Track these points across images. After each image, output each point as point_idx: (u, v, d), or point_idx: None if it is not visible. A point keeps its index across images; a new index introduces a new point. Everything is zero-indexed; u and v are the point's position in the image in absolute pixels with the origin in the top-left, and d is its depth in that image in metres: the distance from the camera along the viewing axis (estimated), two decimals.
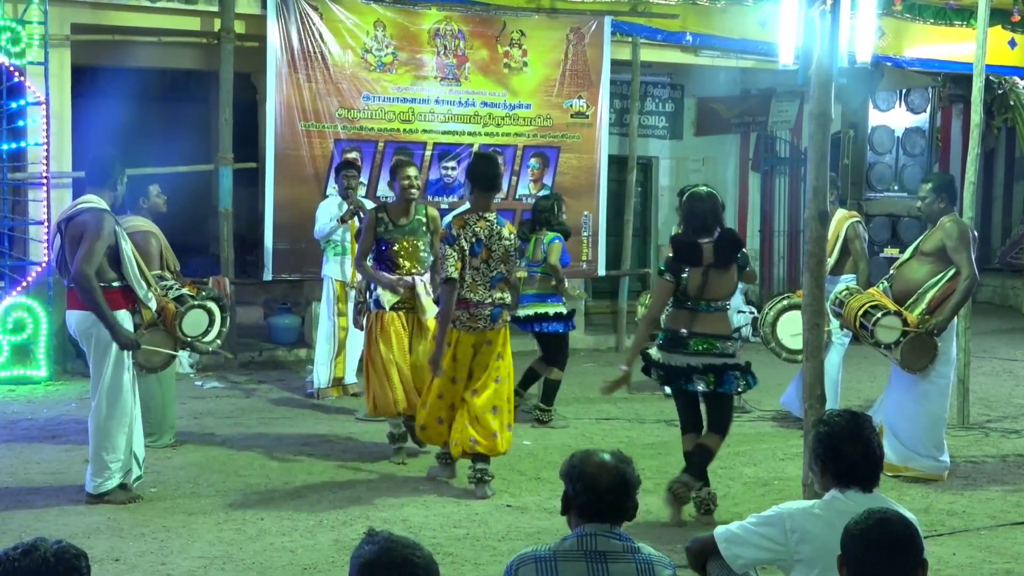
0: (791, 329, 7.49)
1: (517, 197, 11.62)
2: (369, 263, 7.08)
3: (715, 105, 13.99)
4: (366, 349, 7.12)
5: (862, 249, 8.04)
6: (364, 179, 10.82)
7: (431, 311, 6.88)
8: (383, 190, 10.89)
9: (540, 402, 8.38)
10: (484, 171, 6.41)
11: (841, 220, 8.12)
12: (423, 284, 7.01)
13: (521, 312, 8.07)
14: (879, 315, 6.74)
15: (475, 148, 11.29)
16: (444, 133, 11.11)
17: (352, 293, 8.98)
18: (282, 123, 10.38)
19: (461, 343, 6.37)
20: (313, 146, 10.52)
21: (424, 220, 7.07)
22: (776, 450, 7.67)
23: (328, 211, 9.06)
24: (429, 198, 11.02)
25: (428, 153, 11.01)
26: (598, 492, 3.04)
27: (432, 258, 7.07)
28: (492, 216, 6.37)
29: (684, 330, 5.86)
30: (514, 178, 11.59)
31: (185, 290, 6.57)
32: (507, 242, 6.37)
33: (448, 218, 7.36)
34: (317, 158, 10.46)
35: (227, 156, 10.38)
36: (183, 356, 9.21)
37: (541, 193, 10.99)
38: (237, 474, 6.82)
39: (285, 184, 10.35)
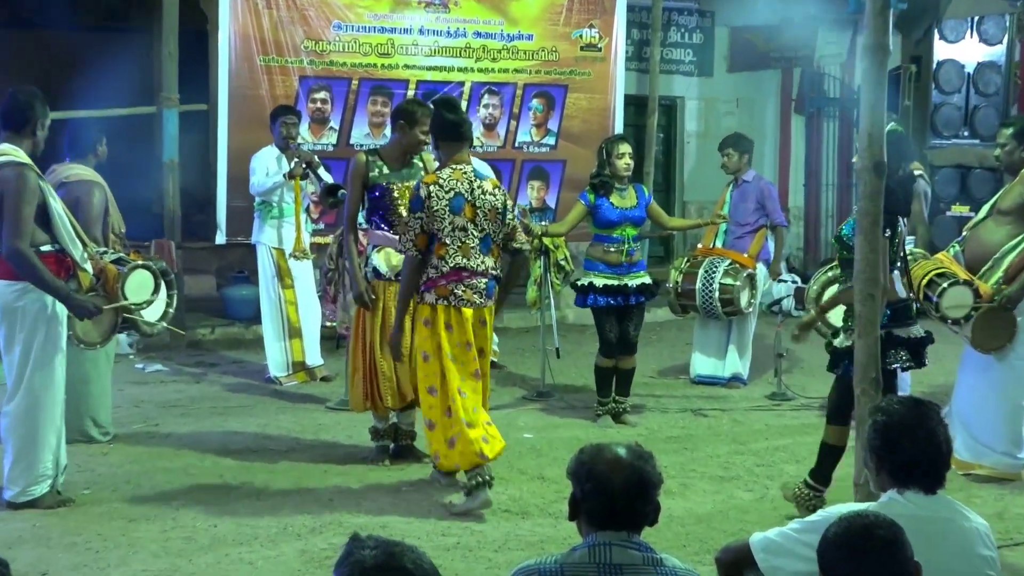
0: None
1: (517, 145, 11.60)
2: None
3: (751, 36, 13.93)
4: (353, 328, 7.08)
5: (920, 210, 8.01)
6: (335, 123, 10.80)
7: None
8: (358, 138, 10.87)
9: (616, 394, 8.28)
10: (446, 118, 6.27)
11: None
12: None
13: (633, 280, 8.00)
14: (945, 285, 6.73)
15: (466, 88, 11.26)
16: (430, 69, 11.08)
17: (295, 263, 8.97)
18: (237, 57, 10.34)
19: (469, 321, 6.20)
20: (274, 85, 10.48)
21: (421, 165, 7.03)
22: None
23: (264, 163, 9.07)
24: None
25: (411, 93, 10.96)
26: (612, 494, 3.03)
27: None
28: (467, 168, 6.25)
29: (910, 294, 5.98)
30: (513, 122, 11.55)
31: (123, 255, 6.55)
32: (493, 198, 6.23)
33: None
34: (279, 99, 10.42)
35: (172, 97, 10.34)
36: (120, 335, 9.20)
37: (546, 140, 10.97)
38: (186, 473, 6.83)
39: (241, 130, 10.32)
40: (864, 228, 4.87)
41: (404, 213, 6.64)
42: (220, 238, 10.59)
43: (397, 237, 6.69)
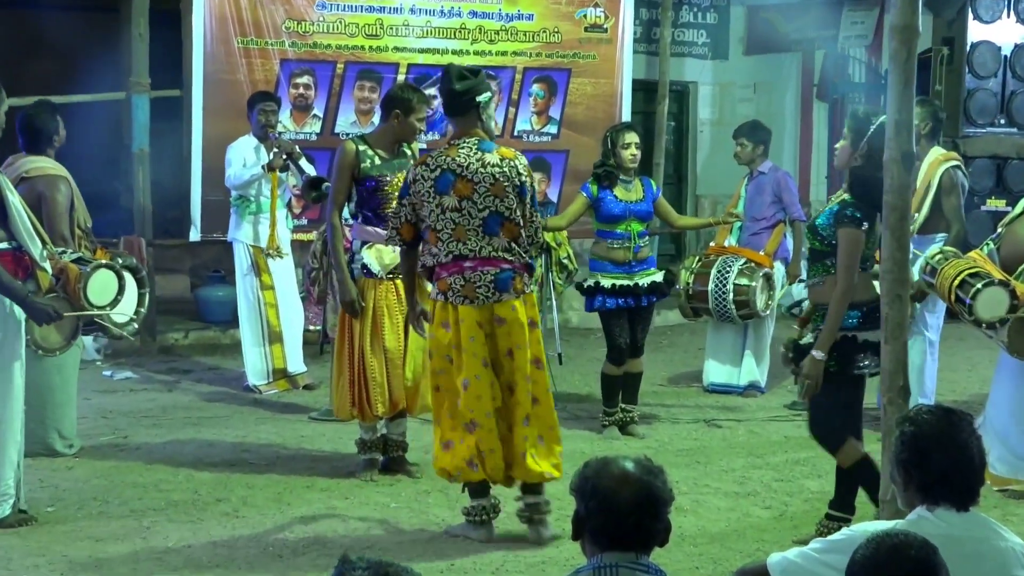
0: None
1: (516, 134, 11.60)
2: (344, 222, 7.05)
3: (770, 16, 13.92)
4: (339, 331, 7.08)
5: (958, 205, 7.99)
6: (319, 110, 10.81)
7: None
8: (344, 126, 10.87)
9: (623, 403, 8.28)
10: (451, 88, 6.05)
11: (935, 164, 8.08)
12: None
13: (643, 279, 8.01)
14: (979, 285, 6.73)
15: None
16: (422, 52, 11.08)
17: (275, 261, 8.98)
18: (213, 39, 10.35)
19: (465, 322, 5.92)
20: (253, 69, 10.49)
21: (409, 153, 7.05)
22: None
23: (241, 154, 9.09)
24: None
25: (401, 78, 10.97)
26: (619, 512, 3.04)
27: None
28: (471, 141, 5.99)
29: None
30: (512, 110, 11.56)
31: (87, 254, 6.55)
32: (498, 169, 5.93)
33: None
34: (258, 84, 10.44)
35: (142, 82, 10.35)
36: (87, 340, 9.21)
37: (547, 128, 10.97)
38: (157, 489, 6.84)
39: (217, 118, 10.33)
40: (892, 224, 4.88)
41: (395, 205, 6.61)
42: (194, 235, 10.59)
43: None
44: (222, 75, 10.42)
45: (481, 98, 6.00)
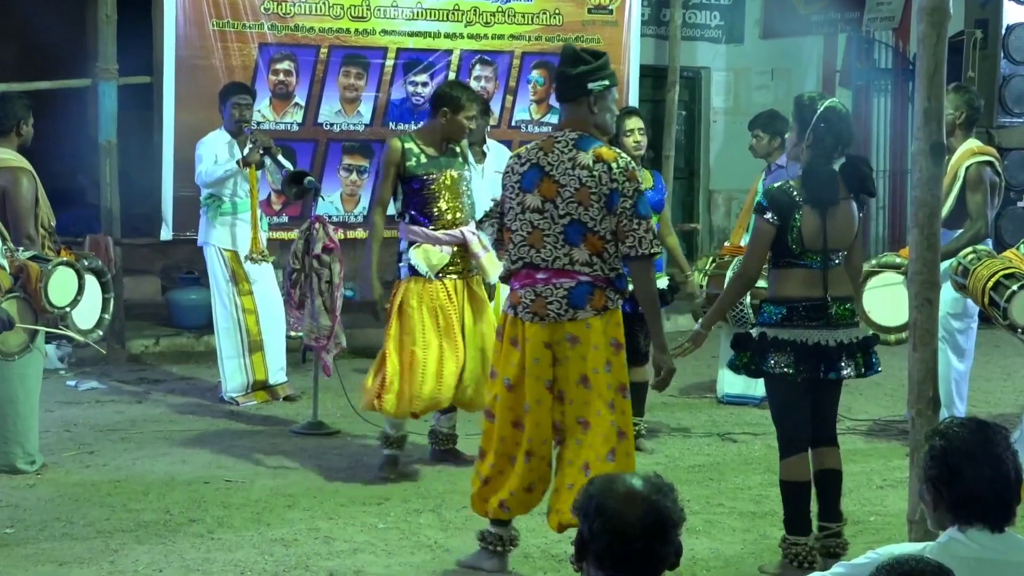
0: (884, 298, 7.47)
1: (514, 124, 11.62)
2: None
3: None
4: (387, 327, 7.29)
5: (982, 202, 7.97)
6: (301, 99, 10.81)
7: (495, 271, 6.99)
8: (328, 115, 10.87)
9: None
10: (562, 72, 5.86)
11: (964, 155, 8.07)
12: (477, 237, 7.21)
13: None
14: (1015, 287, 6.74)
15: (455, 57, 11.26)
16: (412, 35, 11.09)
17: (253, 265, 8.97)
18: (186, 22, 10.35)
19: (531, 342, 5.69)
20: (230, 54, 10.49)
21: (457, 149, 7.39)
22: (872, 474, 7.71)
23: (212, 150, 9.11)
24: (391, 125, 11.01)
25: (389, 63, 11.00)
26: (625, 534, 3.03)
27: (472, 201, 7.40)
28: (571, 135, 5.73)
29: (823, 294, 5.89)
30: (509, 98, 11.57)
31: (50, 253, 6.56)
32: (584, 173, 5.61)
33: None
34: (235, 70, 10.45)
35: (109, 68, 10.34)
36: (50, 348, 9.21)
37: (547, 118, 10.97)
38: (125, 508, 6.83)
39: (190, 106, 10.33)
40: (921, 221, 4.87)
41: (444, 206, 7.16)
42: (166, 233, 10.58)
43: (435, 232, 7.14)
44: (196, 60, 10.41)
45: (594, 86, 5.73)
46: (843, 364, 5.91)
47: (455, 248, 7.25)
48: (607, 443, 5.63)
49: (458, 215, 7.27)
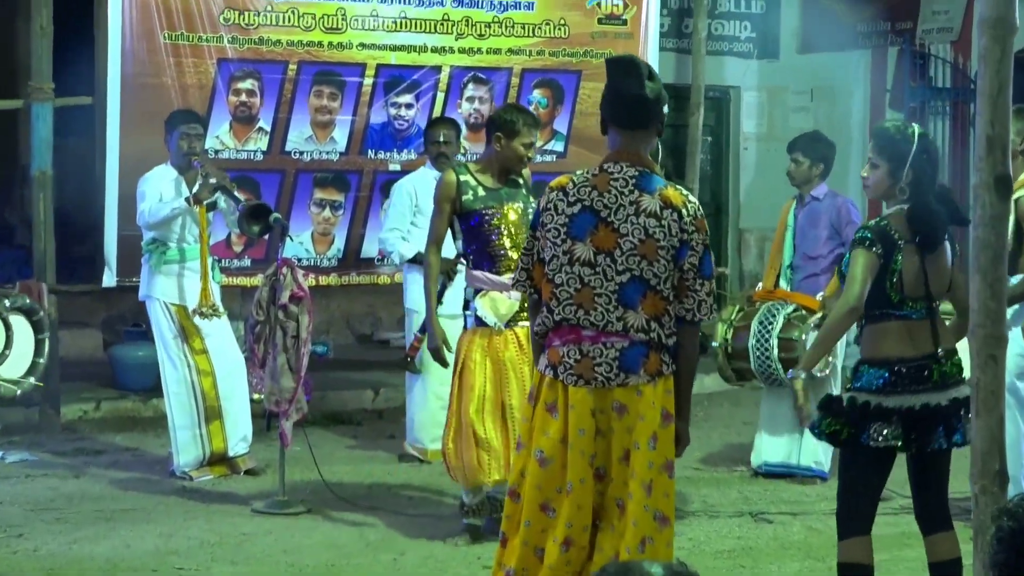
0: None
1: None
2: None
3: (832, 5, 14.00)
4: (452, 386, 7.61)
5: None
6: (266, 123, 10.80)
7: (493, 314, 7.39)
8: (296, 142, 10.87)
9: None
10: (614, 89, 5.60)
11: (1018, 187, 8.07)
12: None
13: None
14: None
15: (444, 74, 11.28)
16: (394, 49, 11.12)
17: (207, 321, 8.93)
18: (133, 34, 10.38)
19: (576, 409, 5.51)
20: (184, 71, 10.51)
21: (521, 182, 7.57)
22: None
23: (157, 187, 9.11)
24: (369, 154, 11.01)
25: (368, 82, 11.04)
26: None
27: None
28: (629, 171, 5.51)
29: (933, 349, 5.92)
30: None
31: None
32: (652, 221, 5.45)
33: None
34: (190, 89, 10.48)
35: (44, 87, 10.36)
36: None
37: (551, 145, 10.99)
38: None
39: (138, 132, 10.33)
40: (983, 266, 4.85)
41: (507, 243, 7.37)
42: (108, 279, 10.55)
43: (500, 277, 7.27)
44: (144, 78, 10.42)
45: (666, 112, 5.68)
46: (957, 428, 5.89)
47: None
48: (640, 531, 5.49)
49: None
